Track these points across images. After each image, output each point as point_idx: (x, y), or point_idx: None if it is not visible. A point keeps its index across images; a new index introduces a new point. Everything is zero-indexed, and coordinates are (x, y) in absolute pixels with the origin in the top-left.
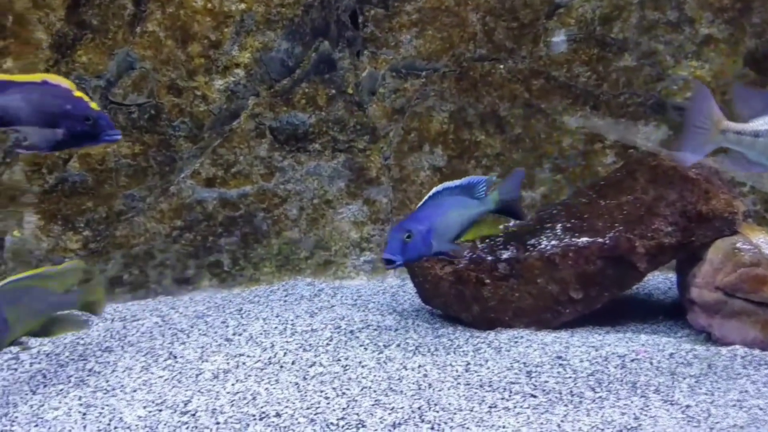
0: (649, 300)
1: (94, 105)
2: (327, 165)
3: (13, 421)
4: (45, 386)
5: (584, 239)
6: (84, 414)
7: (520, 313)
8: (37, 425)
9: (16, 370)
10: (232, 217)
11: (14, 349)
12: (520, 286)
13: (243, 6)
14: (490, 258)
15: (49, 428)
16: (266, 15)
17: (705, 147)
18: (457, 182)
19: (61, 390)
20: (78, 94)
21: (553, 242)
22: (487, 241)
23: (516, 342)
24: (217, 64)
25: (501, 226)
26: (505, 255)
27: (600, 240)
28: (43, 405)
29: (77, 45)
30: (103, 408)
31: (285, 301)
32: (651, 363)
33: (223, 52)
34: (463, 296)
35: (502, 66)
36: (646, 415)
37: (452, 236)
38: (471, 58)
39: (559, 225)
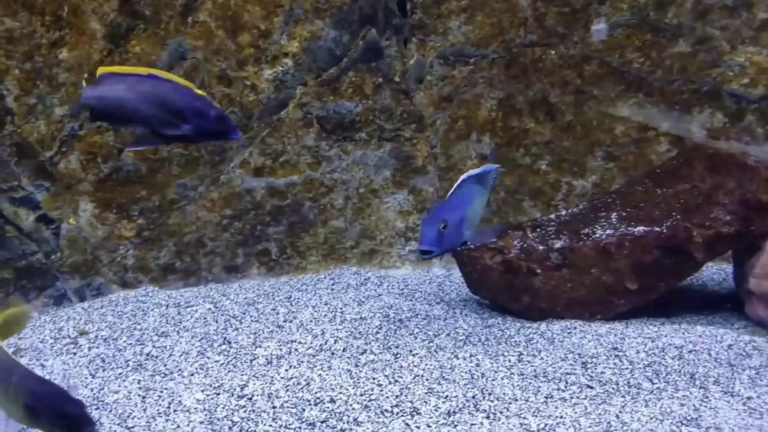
0: (703, 291)
1: (216, 103)
2: (373, 154)
3: None
4: (104, 370)
5: (641, 228)
6: (144, 397)
7: (573, 303)
8: (98, 408)
9: (75, 354)
10: (280, 206)
11: (73, 333)
12: (573, 276)
13: None
14: (541, 247)
15: (110, 411)
16: (315, 3)
17: None
18: (477, 171)
19: (120, 374)
20: (200, 92)
21: (608, 231)
22: (538, 230)
23: (569, 333)
24: (266, 54)
25: (553, 215)
26: (558, 244)
27: (657, 229)
28: (103, 388)
29: (130, 35)
30: (162, 391)
31: (332, 289)
32: (709, 354)
33: (272, 41)
34: (512, 286)
35: (553, 52)
36: (706, 406)
37: (477, 225)
38: (521, 43)
39: (614, 214)
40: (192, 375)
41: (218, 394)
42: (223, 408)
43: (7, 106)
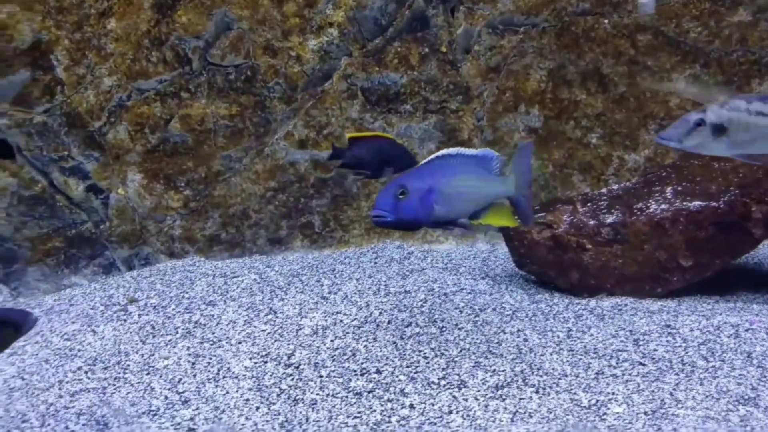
0: (759, 269)
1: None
2: (418, 126)
3: (126, 369)
4: (154, 336)
5: (696, 203)
6: (193, 363)
7: (624, 280)
8: (149, 373)
9: (125, 321)
10: (323, 179)
11: (123, 301)
12: (624, 252)
13: None
14: (592, 222)
15: (161, 376)
16: None
17: None
18: (472, 151)
19: (169, 340)
20: (399, 142)
21: (663, 206)
22: (588, 204)
23: (620, 310)
24: (311, 24)
25: (604, 189)
26: (610, 219)
27: (714, 204)
28: (153, 354)
29: (177, 5)
30: (211, 358)
31: (375, 263)
32: (767, 333)
33: (317, 11)
34: (561, 262)
35: (606, 21)
36: (764, 386)
37: (465, 209)
38: (573, 12)
39: (669, 188)
40: (240, 343)
41: (266, 362)
42: (271, 376)
43: (57, 77)
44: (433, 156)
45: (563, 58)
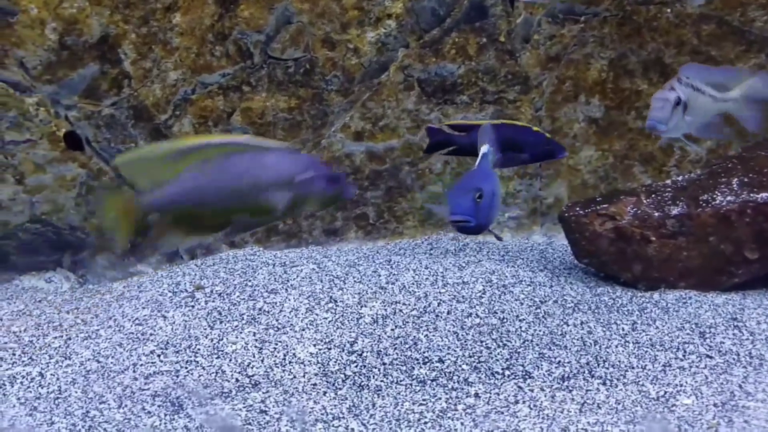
0: None
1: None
2: (475, 117)
3: (196, 353)
4: (221, 322)
5: (764, 195)
6: (260, 349)
7: (687, 273)
8: (219, 357)
9: (193, 307)
10: (378, 171)
11: (189, 288)
12: (689, 245)
13: None
14: (657, 214)
15: (230, 360)
16: None
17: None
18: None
19: (236, 326)
20: (536, 128)
21: (729, 198)
22: (653, 196)
23: (684, 303)
24: (369, 16)
25: (669, 181)
26: (675, 211)
27: None
28: (221, 339)
29: (240, 0)
30: (276, 344)
31: (431, 254)
32: None
33: (376, 2)
34: (624, 254)
35: (669, 10)
36: None
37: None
38: (635, 1)
39: (735, 179)
40: (303, 330)
41: (329, 349)
42: (335, 362)
43: (124, 70)
44: (482, 155)
45: (625, 47)
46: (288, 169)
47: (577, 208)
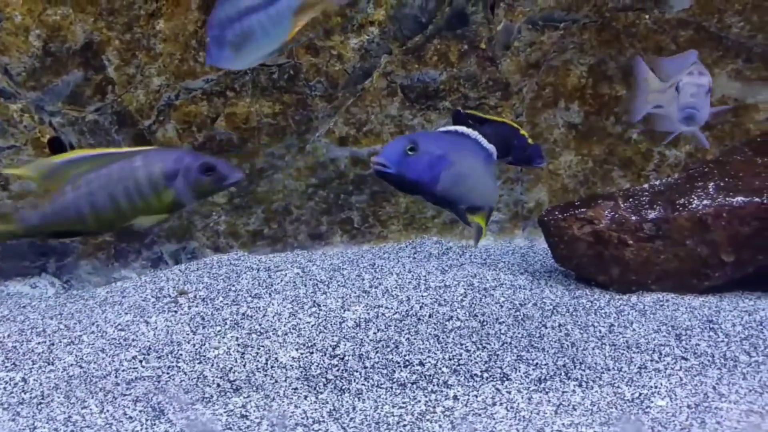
0: None
1: (530, 140)
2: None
3: (179, 358)
4: (204, 327)
5: (739, 199)
6: (243, 353)
7: (664, 276)
8: (200, 362)
9: (176, 312)
10: (363, 176)
11: (173, 293)
12: (666, 248)
13: None
14: (634, 218)
15: (212, 365)
16: None
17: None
18: (484, 141)
19: (219, 331)
20: (522, 132)
21: (705, 201)
22: (630, 200)
23: (661, 305)
24: (352, 23)
25: (646, 185)
26: (652, 215)
27: (757, 200)
28: (204, 344)
29: None
30: (259, 348)
31: (414, 257)
32: None
33: (359, 9)
34: (601, 257)
35: (647, 16)
36: None
37: (468, 196)
38: (614, 8)
39: (712, 184)
40: (286, 334)
41: (311, 353)
42: (317, 366)
43: (108, 76)
44: (452, 128)
45: (604, 53)
46: (159, 166)
47: (556, 212)
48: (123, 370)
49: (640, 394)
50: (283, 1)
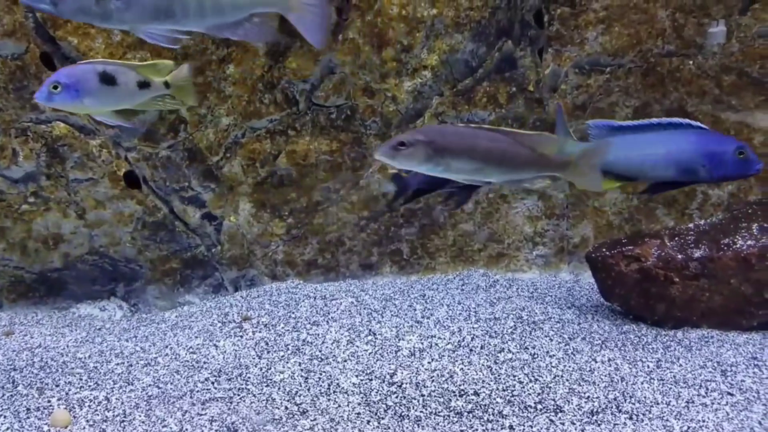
0: None
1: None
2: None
3: (247, 381)
4: (268, 352)
5: None
6: (306, 378)
7: (709, 313)
8: (268, 385)
9: (242, 337)
10: (413, 210)
11: (238, 318)
12: (711, 286)
13: (434, 11)
14: (680, 256)
15: (279, 389)
16: (455, 19)
17: None
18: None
19: (282, 356)
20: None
21: (750, 242)
22: (676, 239)
23: (706, 341)
24: (407, 67)
25: (691, 224)
26: (697, 254)
27: None
28: (270, 368)
29: (288, 53)
30: (321, 374)
31: (462, 289)
32: None
33: (413, 55)
34: (648, 294)
35: (691, 62)
36: None
37: None
38: (659, 54)
39: (756, 225)
40: (345, 361)
41: (371, 380)
42: (377, 392)
43: (181, 116)
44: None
45: (648, 96)
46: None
47: (604, 249)
48: (197, 391)
49: (689, 428)
50: None
